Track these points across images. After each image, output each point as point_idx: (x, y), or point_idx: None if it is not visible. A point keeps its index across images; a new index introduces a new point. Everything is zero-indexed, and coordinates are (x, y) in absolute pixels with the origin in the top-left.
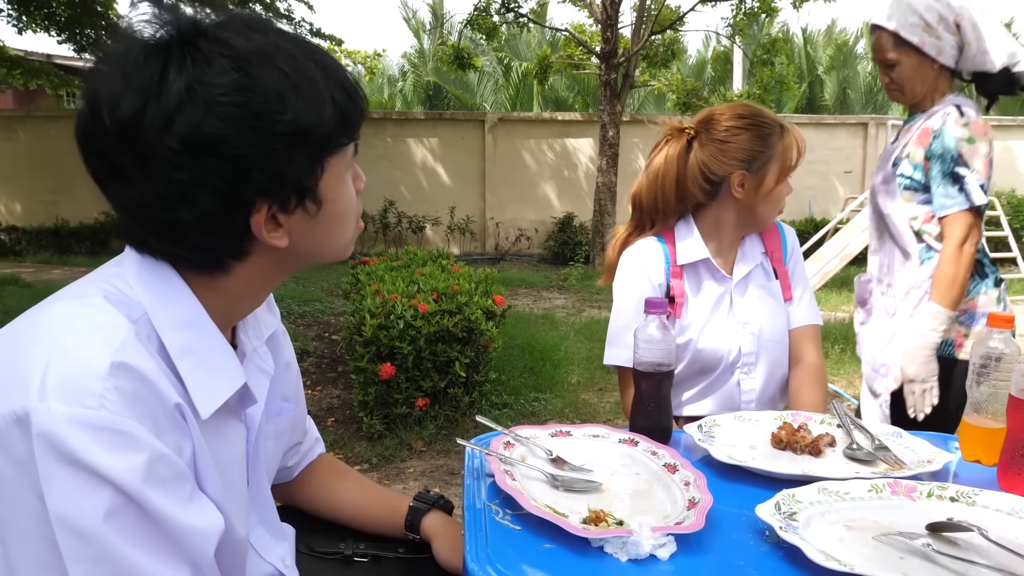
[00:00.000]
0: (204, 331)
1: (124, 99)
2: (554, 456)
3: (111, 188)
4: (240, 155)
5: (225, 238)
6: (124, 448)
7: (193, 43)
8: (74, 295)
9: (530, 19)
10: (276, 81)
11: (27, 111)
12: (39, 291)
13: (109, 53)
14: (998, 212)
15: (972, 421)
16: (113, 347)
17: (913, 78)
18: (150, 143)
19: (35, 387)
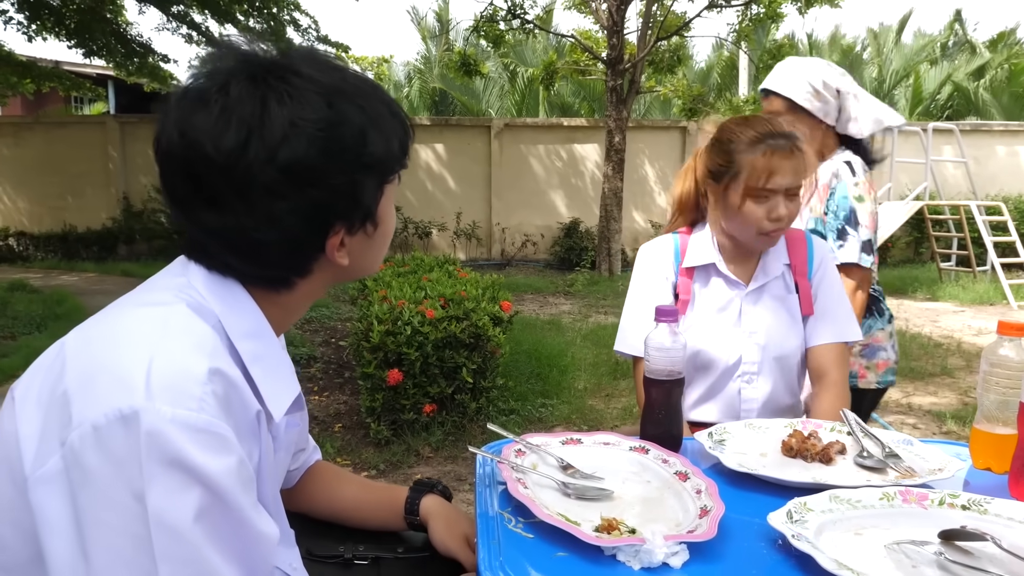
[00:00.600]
0: (268, 341)
1: (229, 131)
2: (565, 464)
3: (196, 211)
4: (332, 184)
5: (301, 258)
6: (219, 450)
7: (284, 78)
8: (155, 302)
9: (536, 26)
10: (359, 116)
11: (35, 117)
12: (47, 296)
13: (199, 85)
14: (1005, 217)
15: (983, 428)
16: (208, 352)
17: (806, 139)
18: (252, 172)
19: (140, 386)
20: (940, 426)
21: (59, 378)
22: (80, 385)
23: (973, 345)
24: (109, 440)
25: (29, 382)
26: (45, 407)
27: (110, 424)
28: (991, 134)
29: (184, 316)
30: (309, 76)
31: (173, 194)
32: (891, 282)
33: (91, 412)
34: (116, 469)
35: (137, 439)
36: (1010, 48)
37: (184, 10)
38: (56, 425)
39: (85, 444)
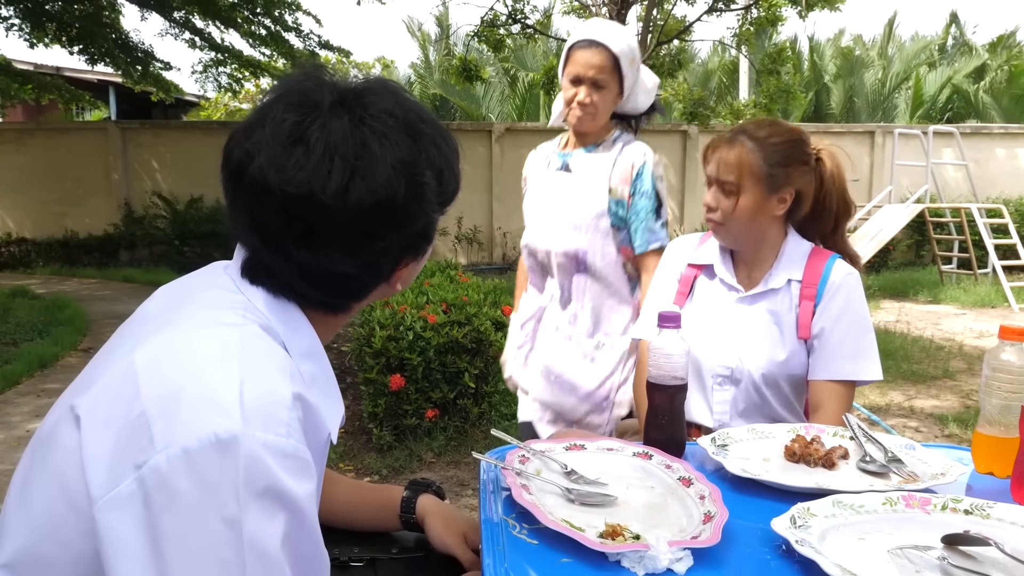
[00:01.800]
0: (322, 361)
1: (333, 172)
2: (569, 469)
3: (285, 243)
4: (417, 224)
5: (369, 288)
6: (304, 475)
7: (377, 116)
8: (225, 321)
9: (536, 30)
10: (438, 157)
11: (36, 123)
12: (49, 303)
13: (294, 119)
14: (1006, 220)
15: (985, 432)
16: (290, 377)
17: (608, 107)
18: (353, 213)
19: (235, 410)
20: (942, 429)
21: (133, 399)
22: (162, 407)
23: (975, 348)
24: (202, 464)
25: (95, 401)
26: (116, 429)
27: (204, 448)
28: (991, 136)
29: (260, 337)
30: (392, 112)
31: (264, 227)
32: (892, 285)
33: (181, 435)
34: (208, 494)
35: (235, 465)
36: (1009, 50)
37: (186, 16)
38: (131, 447)
39: (174, 467)
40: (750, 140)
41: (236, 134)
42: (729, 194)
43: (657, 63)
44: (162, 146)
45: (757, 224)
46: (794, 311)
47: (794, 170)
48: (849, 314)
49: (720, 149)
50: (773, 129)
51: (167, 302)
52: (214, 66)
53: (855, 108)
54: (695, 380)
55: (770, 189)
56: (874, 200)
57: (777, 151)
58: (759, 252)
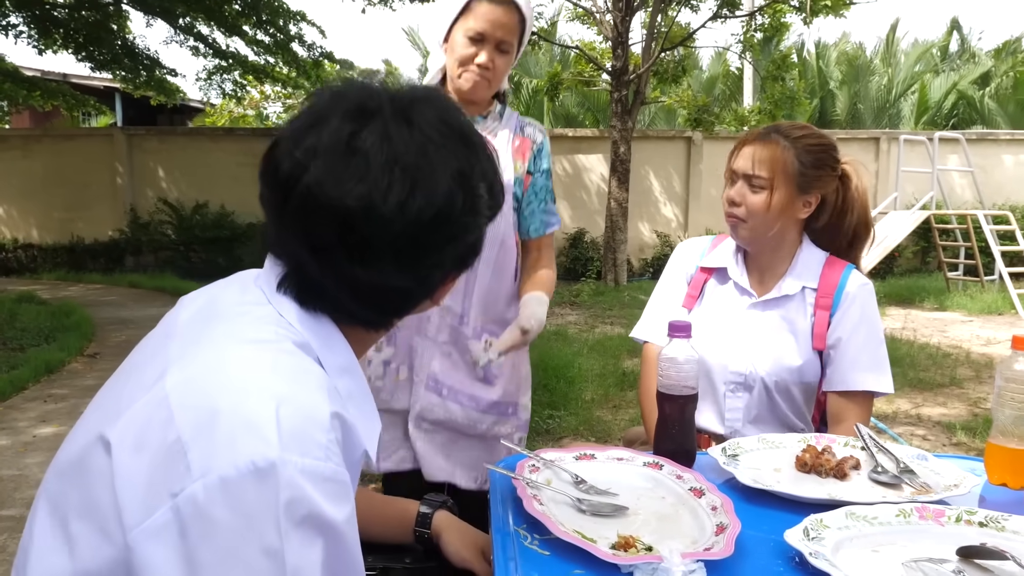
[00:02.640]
0: (358, 376)
1: (394, 184)
2: (579, 479)
3: (336, 258)
4: (472, 234)
5: (418, 302)
6: (342, 499)
7: (433, 125)
8: (259, 339)
9: (541, 37)
10: (488, 168)
11: (43, 130)
12: (55, 308)
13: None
14: (1013, 227)
15: (998, 443)
16: (326, 396)
17: (505, 74)
18: (413, 227)
19: (273, 436)
20: (950, 437)
21: (167, 424)
22: (197, 433)
23: (982, 355)
24: (240, 493)
25: (126, 427)
26: (151, 455)
27: (242, 477)
28: (997, 143)
29: (294, 355)
30: (446, 121)
31: (315, 241)
32: (898, 292)
33: (218, 463)
34: (247, 523)
35: (274, 494)
36: (1014, 56)
37: (191, 23)
38: (167, 475)
39: (212, 497)
40: (784, 138)
41: (283, 142)
42: (758, 190)
43: (661, 70)
44: (168, 152)
45: (780, 224)
46: (809, 319)
47: (824, 174)
48: (866, 325)
49: (754, 144)
50: (808, 131)
51: (195, 316)
52: (218, 73)
53: (860, 114)
54: (706, 387)
55: (800, 190)
56: (879, 207)
57: (810, 153)
58: (774, 256)
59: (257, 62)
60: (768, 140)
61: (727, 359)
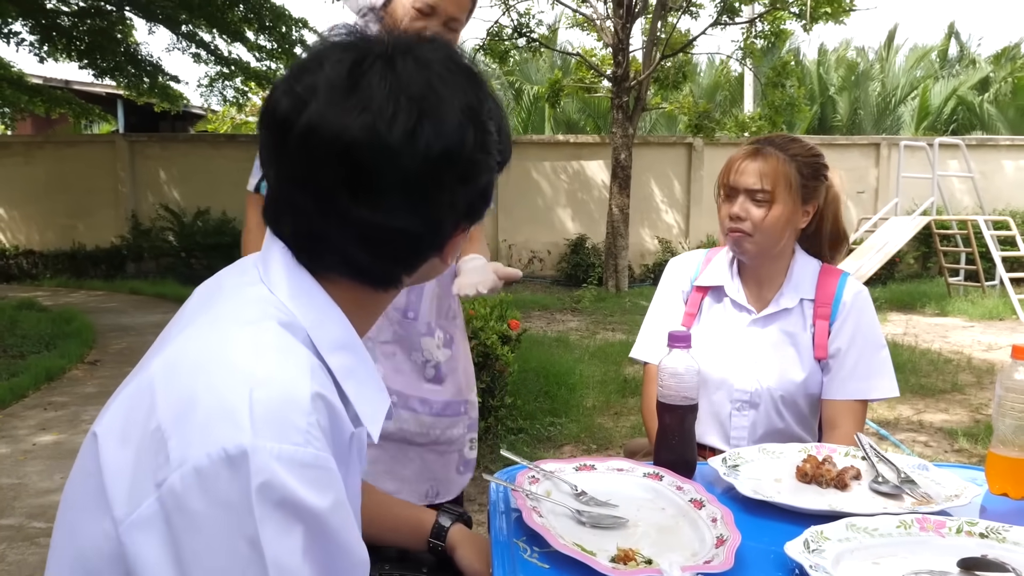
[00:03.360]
0: (358, 351)
1: (399, 114)
2: (579, 491)
3: (339, 199)
4: (483, 176)
5: (425, 253)
6: (325, 485)
7: (439, 62)
8: (241, 320)
9: (542, 43)
10: (496, 110)
11: (45, 136)
12: (56, 315)
13: (350, 58)
14: (1013, 232)
15: (999, 453)
16: (307, 377)
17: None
18: (421, 161)
19: (245, 422)
20: (952, 444)
21: (150, 412)
22: (175, 420)
23: (983, 361)
24: (215, 482)
25: (112, 418)
26: (136, 445)
27: (214, 465)
28: (997, 148)
29: (277, 335)
30: (452, 59)
31: (317, 183)
32: (900, 297)
33: (192, 452)
34: (225, 513)
35: (247, 481)
36: (1013, 62)
37: (193, 30)
38: (150, 464)
39: (188, 488)
40: (781, 152)
41: (281, 82)
42: (761, 204)
43: (662, 76)
44: (169, 159)
45: (784, 235)
46: (809, 330)
47: (820, 183)
48: (863, 333)
49: (753, 160)
50: (799, 143)
51: (197, 302)
52: (220, 79)
53: (860, 120)
54: (711, 406)
55: (802, 200)
56: (880, 212)
57: (808, 164)
58: (772, 269)
59: (259, 68)
60: (767, 154)
61: (732, 377)
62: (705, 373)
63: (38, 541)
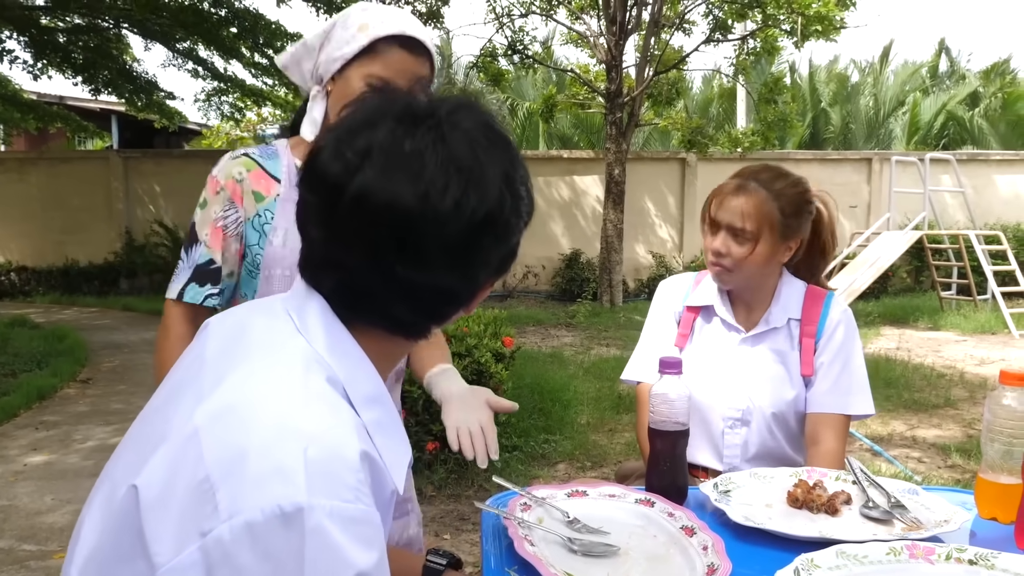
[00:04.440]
0: (387, 404)
1: (450, 186)
2: (571, 518)
3: (388, 261)
4: (515, 236)
5: (461, 305)
6: (372, 540)
7: (480, 129)
8: (293, 375)
9: (536, 60)
10: (526, 174)
11: (39, 153)
12: (48, 332)
13: (403, 131)
14: (1004, 246)
15: (988, 478)
16: (354, 435)
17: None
18: (466, 227)
19: (300, 479)
20: (945, 459)
21: (197, 462)
22: (225, 473)
23: (976, 376)
24: (267, 538)
25: (154, 469)
26: (181, 492)
27: (268, 521)
28: (988, 163)
29: (324, 391)
30: (490, 126)
31: (368, 245)
32: (892, 311)
33: (245, 505)
34: (273, 568)
35: (301, 539)
36: (1003, 77)
37: (190, 47)
38: (196, 513)
39: (237, 540)
40: (765, 189)
41: (329, 145)
42: (742, 242)
43: (656, 92)
44: (164, 175)
45: (765, 271)
46: (796, 349)
47: (804, 220)
48: (846, 351)
49: (736, 197)
50: (786, 180)
51: (225, 346)
52: (216, 95)
53: (852, 134)
54: (704, 425)
55: (783, 238)
56: (873, 227)
57: (791, 202)
58: (758, 291)
59: (255, 85)
60: (749, 192)
61: (724, 396)
62: (698, 392)
63: (28, 564)
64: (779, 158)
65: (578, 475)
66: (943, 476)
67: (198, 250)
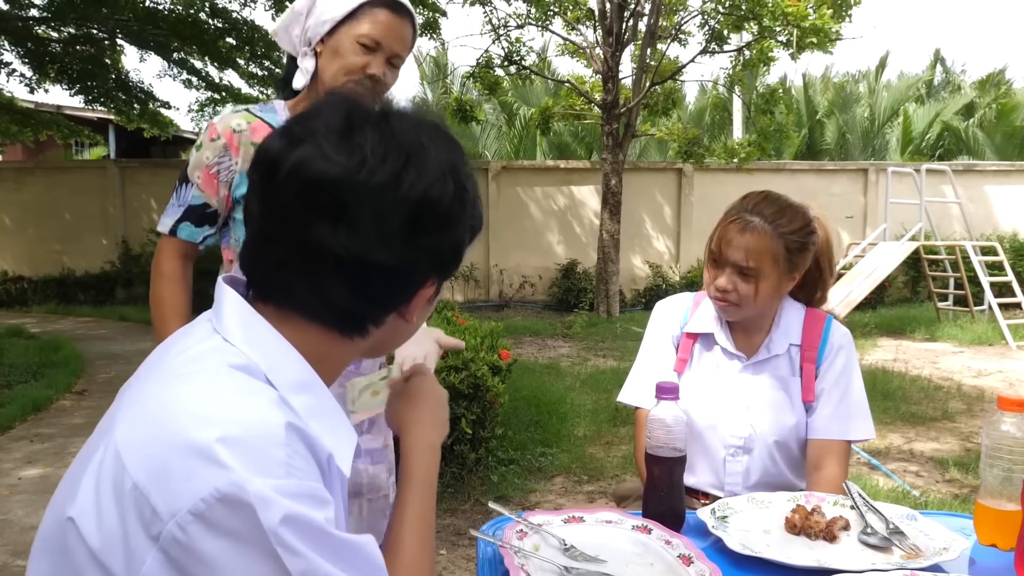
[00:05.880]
0: (320, 391)
1: (388, 157)
2: (568, 546)
3: (318, 231)
4: (454, 233)
5: (392, 302)
6: (319, 506)
7: (425, 124)
8: (199, 369)
9: (532, 71)
10: (473, 179)
11: (36, 162)
12: (44, 343)
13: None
14: (1001, 257)
15: (987, 504)
16: (274, 408)
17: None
18: (400, 201)
19: (228, 462)
20: (943, 474)
21: (122, 475)
22: (150, 476)
23: (973, 388)
24: (220, 521)
25: (84, 496)
26: (118, 509)
27: (212, 508)
28: (984, 174)
29: (232, 378)
30: (438, 126)
31: (298, 213)
32: (889, 322)
33: (183, 501)
34: (237, 543)
35: (250, 510)
36: (998, 88)
37: (185, 57)
38: (138, 522)
39: (192, 533)
40: (770, 226)
41: (275, 131)
42: (748, 278)
43: (652, 102)
44: (160, 184)
45: (770, 304)
46: (797, 375)
47: (807, 253)
48: (847, 376)
49: (741, 236)
50: (791, 215)
51: (143, 370)
52: (210, 105)
53: (848, 144)
54: (705, 452)
55: (788, 272)
56: (869, 238)
57: (795, 238)
58: (758, 320)
59: (250, 94)
60: (754, 229)
61: (726, 423)
62: (699, 419)
63: None
64: (775, 169)
65: (575, 489)
66: (941, 491)
67: (190, 191)
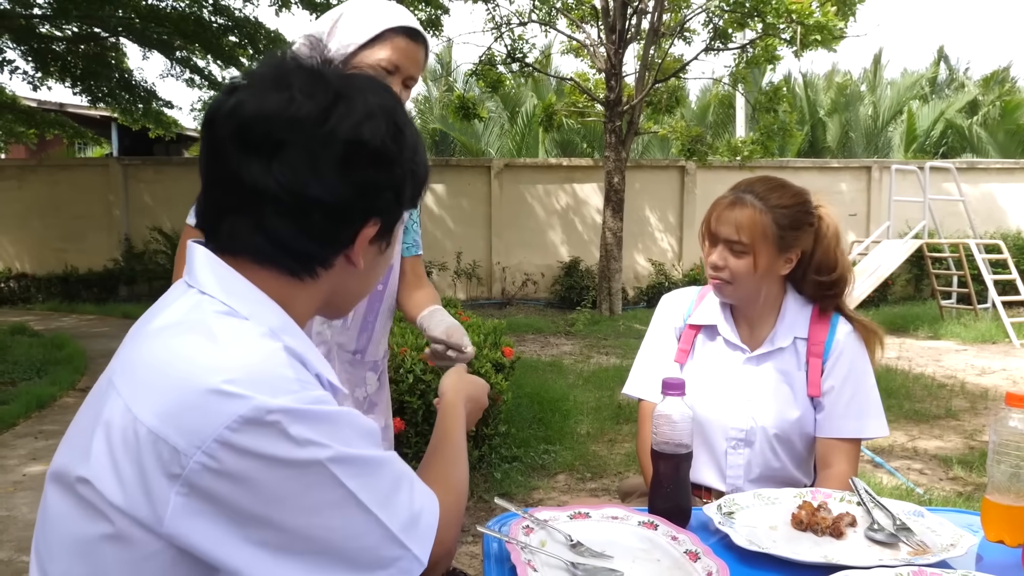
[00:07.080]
0: (298, 335)
1: (317, 94)
2: (575, 542)
3: (252, 165)
4: (390, 173)
5: (335, 239)
6: (331, 402)
7: (361, 77)
8: (189, 319)
9: (535, 68)
10: (414, 132)
11: (39, 160)
12: (47, 340)
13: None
14: (1005, 255)
15: (994, 500)
16: (268, 339)
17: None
18: (330, 136)
19: (244, 389)
20: (947, 471)
21: (133, 424)
22: (169, 418)
23: (976, 386)
24: (249, 444)
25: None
26: (134, 459)
27: (237, 432)
28: (988, 172)
29: (220, 321)
30: (379, 83)
31: (236, 151)
32: (892, 320)
33: (207, 431)
34: (270, 462)
35: (273, 426)
36: (1002, 86)
37: (187, 55)
38: (156, 465)
39: (223, 459)
40: (760, 201)
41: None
42: (739, 254)
43: (655, 100)
44: (163, 182)
45: (764, 283)
46: (803, 369)
47: (801, 232)
48: (856, 373)
49: (731, 210)
50: (780, 190)
51: (129, 336)
52: None
53: (851, 142)
54: (707, 445)
55: (780, 250)
56: (873, 235)
57: (787, 214)
58: (763, 309)
59: None
60: (744, 204)
61: (727, 416)
62: (700, 411)
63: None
64: (779, 167)
65: (578, 486)
66: (945, 488)
67: None
